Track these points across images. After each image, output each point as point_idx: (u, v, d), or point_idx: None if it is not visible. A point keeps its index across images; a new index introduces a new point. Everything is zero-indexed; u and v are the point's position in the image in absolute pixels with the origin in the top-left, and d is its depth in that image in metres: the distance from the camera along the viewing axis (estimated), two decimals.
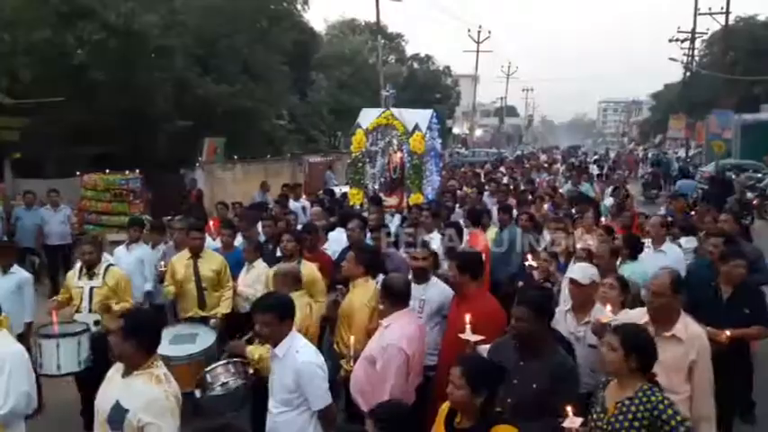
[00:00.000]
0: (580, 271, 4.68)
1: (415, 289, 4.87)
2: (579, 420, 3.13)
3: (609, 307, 4.24)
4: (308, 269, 5.85)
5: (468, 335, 3.92)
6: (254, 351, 4.40)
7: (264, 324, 3.77)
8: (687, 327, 3.86)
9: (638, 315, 4.06)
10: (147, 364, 3.22)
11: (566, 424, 3.10)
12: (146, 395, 3.12)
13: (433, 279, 5.26)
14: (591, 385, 3.85)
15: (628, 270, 5.77)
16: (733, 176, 20.60)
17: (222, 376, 4.39)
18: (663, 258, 6.49)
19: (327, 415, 3.77)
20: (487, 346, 3.94)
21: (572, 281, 4.62)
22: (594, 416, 3.33)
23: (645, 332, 3.43)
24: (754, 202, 16.73)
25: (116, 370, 3.34)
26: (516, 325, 3.66)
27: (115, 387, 3.26)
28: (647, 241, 6.97)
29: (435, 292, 5.14)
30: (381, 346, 4.25)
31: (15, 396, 3.76)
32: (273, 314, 3.76)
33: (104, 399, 3.26)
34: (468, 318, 3.99)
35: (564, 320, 4.51)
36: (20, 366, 3.87)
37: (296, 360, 3.73)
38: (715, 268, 5.29)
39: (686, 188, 18.88)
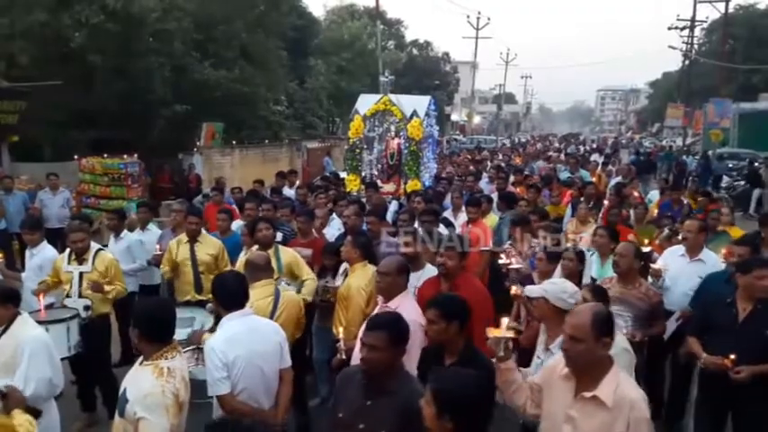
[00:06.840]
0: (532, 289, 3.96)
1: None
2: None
3: (506, 320, 3.18)
4: (288, 255, 5.81)
5: None
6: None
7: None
8: (618, 387, 2.80)
9: (558, 362, 3.06)
10: (157, 355, 3.16)
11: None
12: (144, 388, 3.06)
13: (428, 267, 5.13)
14: None
15: None
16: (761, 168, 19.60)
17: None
18: (702, 269, 5.44)
19: (221, 404, 3.61)
20: None
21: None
22: None
23: (470, 383, 2.54)
24: None
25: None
26: (368, 356, 2.94)
27: (130, 374, 3.24)
28: (681, 248, 5.80)
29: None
30: None
31: (36, 382, 3.71)
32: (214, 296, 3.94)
33: (123, 384, 3.25)
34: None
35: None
36: (40, 352, 3.81)
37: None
38: (733, 281, 4.45)
39: (634, 163, 22.02)
